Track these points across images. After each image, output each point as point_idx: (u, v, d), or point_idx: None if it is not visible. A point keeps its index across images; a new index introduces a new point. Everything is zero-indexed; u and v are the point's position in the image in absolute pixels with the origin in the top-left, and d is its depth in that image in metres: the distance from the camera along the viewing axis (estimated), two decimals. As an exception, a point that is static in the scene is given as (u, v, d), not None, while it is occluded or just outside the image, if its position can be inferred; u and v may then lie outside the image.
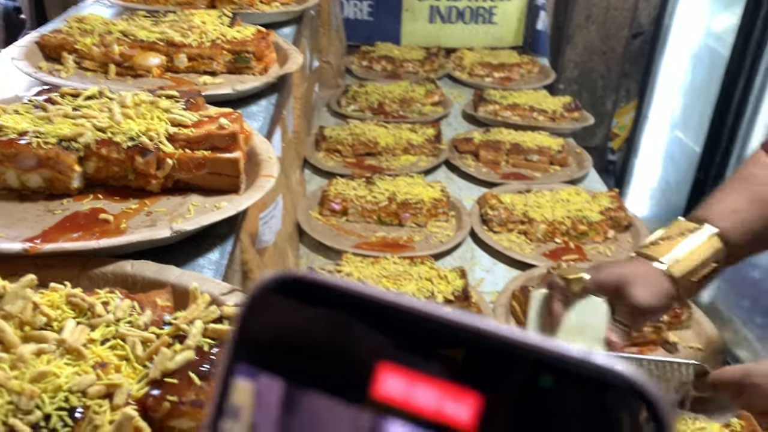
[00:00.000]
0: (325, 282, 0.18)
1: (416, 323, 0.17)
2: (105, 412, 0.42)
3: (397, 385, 0.17)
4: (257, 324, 0.18)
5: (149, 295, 0.52)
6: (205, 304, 0.49)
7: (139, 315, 0.49)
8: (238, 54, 1.12)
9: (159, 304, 0.51)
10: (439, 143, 2.10)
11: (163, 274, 0.59)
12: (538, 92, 2.51)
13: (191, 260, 0.66)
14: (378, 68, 2.77)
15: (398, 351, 0.17)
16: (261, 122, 1.00)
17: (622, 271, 0.98)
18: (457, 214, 1.79)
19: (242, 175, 0.77)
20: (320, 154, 2.07)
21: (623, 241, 1.74)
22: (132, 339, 0.46)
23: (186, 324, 0.47)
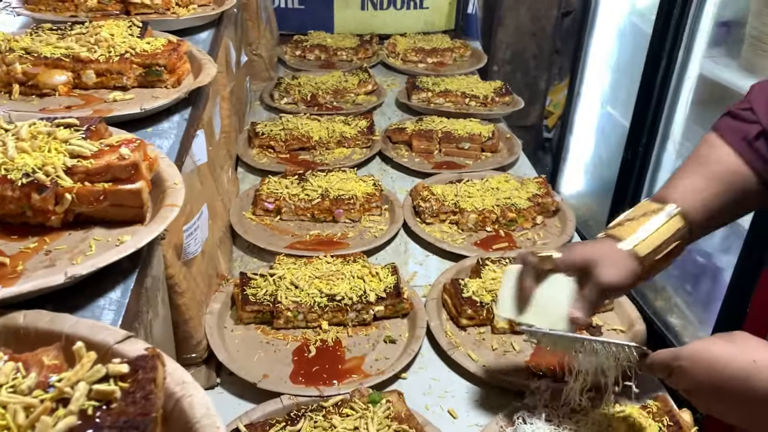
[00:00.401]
0: None
1: None
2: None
3: None
4: None
5: (36, 354, 0.52)
6: (90, 363, 0.49)
7: (23, 378, 0.49)
8: (149, 68, 1.10)
9: (46, 363, 0.50)
10: (372, 134, 2.11)
11: (57, 324, 0.58)
12: (470, 78, 2.54)
13: (91, 301, 0.66)
14: (311, 57, 2.75)
15: None
16: (172, 140, 0.98)
17: (590, 251, 1.03)
18: (391, 207, 1.80)
19: (146, 205, 0.77)
20: (253, 151, 2.05)
21: (551, 226, 1.79)
22: (13, 407, 0.46)
23: (70, 387, 0.47)
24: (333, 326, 1.38)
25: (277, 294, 1.37)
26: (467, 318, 1.40)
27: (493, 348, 1.35)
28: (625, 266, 1.00)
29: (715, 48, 2.48)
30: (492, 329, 1.40)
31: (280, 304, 1.35)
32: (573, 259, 1.03)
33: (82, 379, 0.47)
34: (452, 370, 1.30)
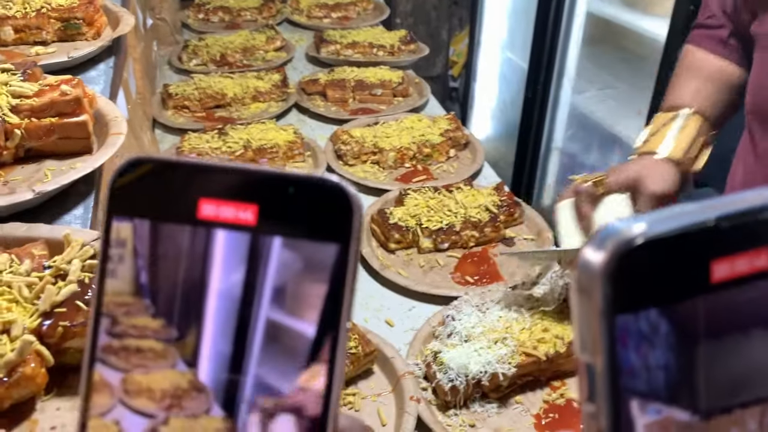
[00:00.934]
0: (161, 158, 0.30)
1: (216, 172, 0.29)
2: (5, 344, 0.49)
3: (211, 209, 0.29)
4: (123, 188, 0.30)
5: (24, 248, 0.58)
6: (78, 246, 0.56)
7: (19, 265, 0.56)
8: (67, 21, 1.13)
9: (35, 254, 0.57)
10: (286, 87, 2.17)
11: (33, 232, 0.64)
12: (375, 29, 2.63)
13: (57, 218, 0.72)
14: (216, 20, 2.75)
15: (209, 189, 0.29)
16: (102, 86, 1.03)
17: (634, 167, 1.12)
18: (313, 153, 1.89)
19: (92, 136, 0.83)
20: (168, 112, 2.07)
21: (463, 158, 1.93)
22: (17, 284, 0.53)
23: (65, 264, 0.54)
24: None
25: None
26: (395, 242, 1.52)
27: (421, 265, 1.48)
28: (669, 173, 1.10)
29: (600, -15, 2.67)
30: (418, 250, 1.52)
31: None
32: (622, 177, 1.12)
33: (75, 257, 0.55)
34: (385, 287, 1.42)
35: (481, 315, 1.23)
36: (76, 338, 0.51)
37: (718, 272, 0.24)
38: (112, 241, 0.30)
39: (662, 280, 0.24)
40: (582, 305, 0.24)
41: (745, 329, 0.25)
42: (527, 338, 1.16)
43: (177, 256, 0.30)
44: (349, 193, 0.29)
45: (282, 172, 0.29)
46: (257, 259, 0.29)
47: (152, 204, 0.30)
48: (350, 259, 0.29)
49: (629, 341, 0.24)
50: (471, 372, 1.09)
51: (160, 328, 0.31)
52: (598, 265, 0.24)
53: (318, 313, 0.29)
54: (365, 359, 1.14)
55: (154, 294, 0.31)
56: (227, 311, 0.30)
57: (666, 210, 0.25)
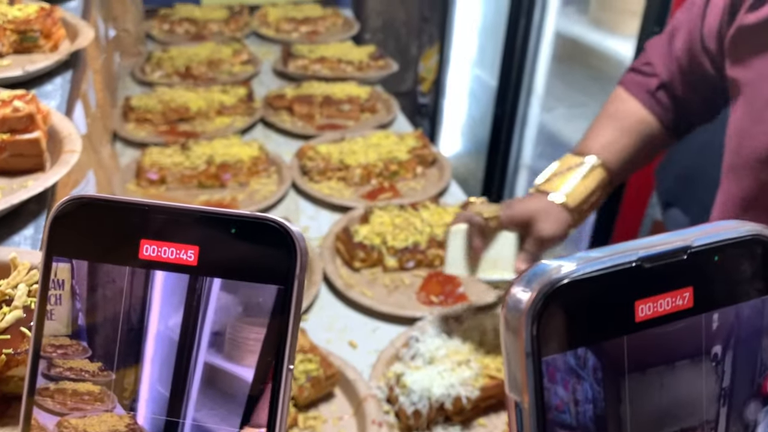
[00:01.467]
0: (102, 198, 0.29)
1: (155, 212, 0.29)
2: (-59, 379, 0.47)
3: (152, 249, 0.29)
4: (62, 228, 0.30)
5: (-33, 273, 0.55)
6: (26, 270, 0.53)
7: (-41, 293, 0.53)
8: (24, 33, 1.09)
9: (-22, 280, 0.54)
10: (252, 102, 2.15)
11: (-22, 255, 0.61)
12: (344, 44, 2.63)
13: (6, 239, 0.69)
14: (181, 31, 2.72)
15: (150, 229, 0.29)
16: (58, 100, 1.00)
17: (528, 206, 1.13)
18: (278, 169, 1.87)
19: (45, 154, 0.80)
20: (130, 125, 2.03)
21: (431, 176, 1.93)
22: (-44, 313, 0.50)
23: (10, 289, 0.52)
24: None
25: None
26: (360, 260, 1.50)
27: (386, 285, 1.47)
28: (560, 218, 1.11)
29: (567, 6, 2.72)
30: (383, 269, 1.51)
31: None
32: (516, 215, 1.13)
33: (21, 281, 0.52)
34: (349, 307, 1.41)
35: (446, 337, 1.22)
36: (20, 366, 0.48)
37: (641, 312, 0.25)
38: (52, 282, 0.30)
39: (588, 320, 0.25)
40: (509, 344, 0.25)
41: (668, 363, 0.26)
42: (491, 361, 1.15)
43: (117, 297, 0.30)
44: (292, 233, 0.28)
45: (223, 212, 0.29)
46: (197, 301, 0.29)
47: (93, 244, 0.29)
48: (292, 302, 0.28)
49: (556, 379, 0.24)
50: (434, 395, 1.08)
51: (97, 370, 0.30)
52: (525, 305, 0.24)
53: (258, 357, 0.29)
54: (326, 382, 1.12)
55: (92, 336, 0.30)
56: (166, 354, 0.30)
57: (591, 251, 0.25)
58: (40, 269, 0.29)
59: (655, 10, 1.89)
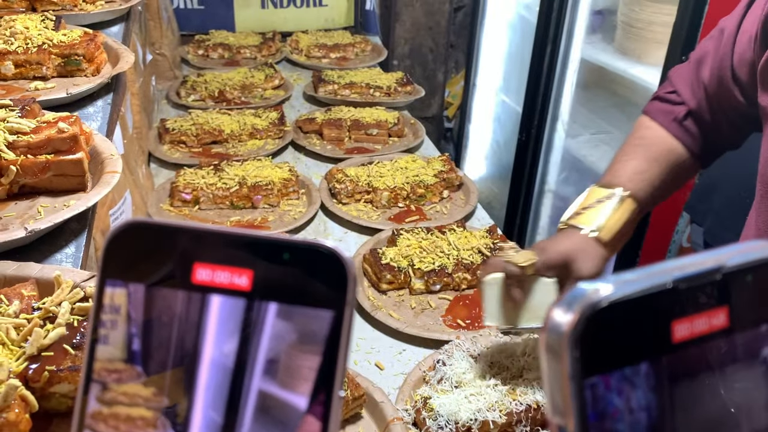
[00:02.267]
0: (157, 222, 0.30)
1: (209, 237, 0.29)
2: (-10, 388, 0.49)
3: (206, 273, 0.29)
4: (117, 253, 0.30)
5: (14, 288, 0.58)
6: (69, 288, 0.56)
7: (7, 306, 0.55)
8: (68, 57, 1.14)
9: (25, 294, 0.57)
10: (283, 125, 2.19)
11: (24, 271, 0.64)
12: (373, 70, 2.67)
13: (49, 257, 0.72)
14: (215, 56, 2.79)
15: (204, 253, 0.29)
16: (99, 122, 1.03)
17: (564, 248, 1.08)
18: (307, 191, 1.89)
19: (87, 174, 0.83)
20: (165, 146, 2.08)
21: (457, 199, 1.94)
22: (5, 325, 0.52)
23: (54, 306, 0.54)
24: (261, 301, 1.46)
25: (205, 274, 1.42)
26: (387, 282, 1.51)
27: (412, 307, 1.47)
28: (597, 255, 1.07)
29: (592, 34, 2.73)
30: (410, 291, 1.52)
31: (208, 284, 1.41)
32: (551, 259, 1.08)
33: (65, 299, 0.54)
34: (376, 329, 1.41)
35: (472, 361, 1.22)
36: (62, 383, 0.50)
37: (679, 332, 0.26)
38: (105, 306, 0.30)
39: (627, 341, 0.25)
40: (551, 368, 0.25)
41: (706, 383, 0.26)
42: (518, 385, 1.15)
43: (170, 322, 0.30)
44: (344, 260, 0.29)
45: (277, 238, 0.29)
46: (251, 327, 0.29)
47: (147, 268, 0.30)
48: (344, 327, 0.28)
49: (599, 401, 0.25)
50: (461, 419, 1.07)
51: (151, 395, 0.30)
52: (566, 328, 0.24)
53: (310, 382, 0.29)
54: (354, 403, 1.12)
55: (147, 361, 0.30)
56: (220, 380, 0.30)
57: (628, 273, 0.26)
58: (94, 292, 0.30)
59: (681, 40, 1.89)
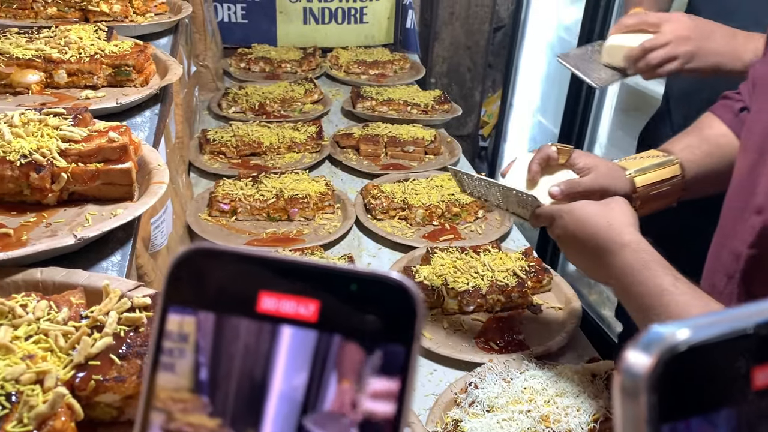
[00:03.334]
0: (222, 249, 0.29)
1: (275, 265, 0.29)
2: (38, 394, 0.49)
3: (271, 302, 0.28)
4: (181, 277, 0.29)
5: (63, 295, 0.59)
6: (116, 297, 0.56)
7: (57, 313, 0.56)
8: (118, 68, 1.17)
9: (74, 302, 0.58)
10: (321, 140, 2.21)
11: (72, 278, 0.65)
12: (411, 87, 2.68)
13: (95, 264, 0.73)
14: (256, 69, 2.83)
15: (270, 282, 0.29)
16: (147, 132, 1.06)
17: (599, 161, 1.17)
18: (343, 206, 1.90)
19: (135, 184, 0.84)
20: (205, 157, 2.11)
21: (492, 219, 1.93)
22: (54, 333, 0.53)
23: (102, 315, 0.55)
24: (294, 314, 1.46)
25: (240, 285, 1.43)
26: (420, 301, 1.50)
27: (444, 327, 1.46)
28: (620, 183, 1.13)
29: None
30: (442, 311, 1.51)
31: (243, 295, 1.42)
32: (584, 161, 1.16)
33: (112, 309, 0.55)
34: (408, 348, 1.40)
35: (505, 385, 1.20)
36: (107, 393, 0.51)
37: (759, 379, 0.25)
38: (168, 332, 0.29)
39: (704, 387, 0.24)
40: (626, 411, 0.24)
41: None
42: (552, 411, 1.13)
43: (237, 352, 0.29)
44: (412, 294, 0.28)
45: (344, 269, 0.29)
46: (316, 358, 0.28)
47: (210, 295, 0.29)
48: (411, 361, 0.28)
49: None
50: (492, 444, 1.06)
51: (217, 427, 0.29)
52: (644, 371, 0.24)
53: (377, 417, 0.28)
54: (384, 423, 1.11)
55: (212, 391, 0.29)
56: (287, 413, 0.29)
57: (704, 316, 0.25)
58: (155, 317, 0.29)
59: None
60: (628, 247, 0.93)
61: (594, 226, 0.98)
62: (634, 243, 0.94)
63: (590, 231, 0.98)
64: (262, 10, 2.95)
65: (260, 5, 2.94)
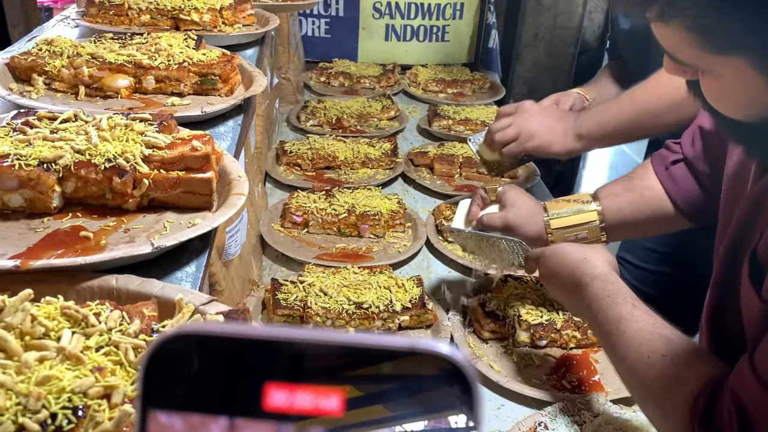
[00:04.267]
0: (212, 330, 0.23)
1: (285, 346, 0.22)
2: (104, 410, 0.48)
3: (282, 397, 0.22)
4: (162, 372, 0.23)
5: (137, 306, 0.57)
6: (189, 312, 0.54)
7: (128, 324, 0.55)
8: (205, 76, 1.18)
9: (146, 314, 0.56)
10: (395, 157, 2.19)
11: (146, 287, 0.64)
12: (489, 107, 2.62)
13: (169, 274, 0.72)
14: (336, 84, 2.85)
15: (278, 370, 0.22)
16: (229, 142, 1.05)
17: (519, 197, 1.30)
18: (414, 225, 1.87)
19: (215, 194, 0.83)
20: (281, 168, 2.13)
21: (569, 250, 1.85)
22: (125, 345, 0.51)
23: (174, 331, 0.53)
24: (360, 333, 1.43)
25: (307, 300, 1.42)
26: (490, 331, 1.44)
27: (515, 360, 1.40)
28: (534, 228, 1.25)
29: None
30: (513, 343, 1.44)
31: (309, 309, 1.40)
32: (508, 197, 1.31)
33: (185, 325, 0.53)
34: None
35: (578, 428, 1.13)
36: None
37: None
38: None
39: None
40: None
41: None
42: (628, 464, 1.05)
43: None
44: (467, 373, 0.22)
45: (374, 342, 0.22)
46: None
47: (202, 393, 0.23)
48: None
49: None
50: (563, 493, 0.99)
51: None
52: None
53: None
54: (448, 458, 1.06)
55: None
56: None
57: None
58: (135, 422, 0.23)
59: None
60: (598, 279, 0.98)
61: (571, 261, 1.03)
62: (603, 275, 0.98)
63: (567, 266, 1.04)
64: (345, 26, 2.97)
65: (344, 21, 2.96)
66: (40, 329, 0.53)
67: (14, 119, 0.87)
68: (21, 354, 0.50)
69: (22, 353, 0.50)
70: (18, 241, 0.74)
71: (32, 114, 0.88)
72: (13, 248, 0.72)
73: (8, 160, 0.77)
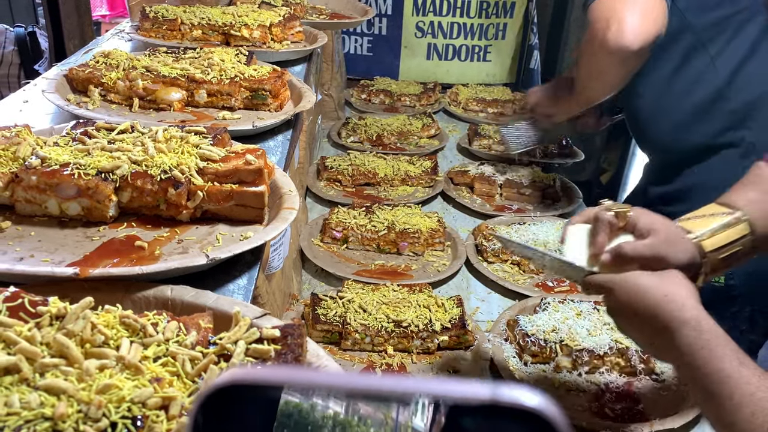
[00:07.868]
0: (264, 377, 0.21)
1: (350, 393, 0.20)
2: (162, 421, 0.48)
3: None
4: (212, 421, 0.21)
5: (193, 317, 0.58)
6: (246, 326, 0.54)
7: (185, 335, 0.55)
8: (256, 91, 1.19)
9: (202, 325, 0.56)
10: (435, 175, 2.18)
11: (200, 299, 0.64)
12: (531, 128, 2.60)
13: (222, 285, 0.72)
14: (377, 101, 2.86)
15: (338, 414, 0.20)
16: (278, 156, 1.06)
17: (662, 224, 1.03)
18: (453, 244, 1.85)
19: (266, 208, 0.84)
20: (322, 183, 2.14)
21: (612, 275, 1.81)
22: (182, 357, 0.52)
23: (230, 344, 0.53)
24: (398, 352, 1.42)
25: (346, 316, 1.42)
26: (531, 354, 1.42)
27: (555, 386, 1.37)
28: (684, 253, 1.01)
29: None
30: (555, 368, 1.41)
31: (348, 326, 1.40)
32: (642, 226, 1.03)
33: (241, 338, 0.53)
34: (515, 403, 1.32)
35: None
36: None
37: None
38: None
39: None
40: None
41: None
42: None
43: None
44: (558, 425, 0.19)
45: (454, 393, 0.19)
46: None
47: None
48: None
49: None
50: None
51: None
52: None
53: None
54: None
55: None
56: None
57: None
58: None
59: None
60: (688, 325, 0.87)
61: (651, 299, 0.91)
62: (694, 320, 0.87)
63: (646, 304, 0.91)
64: (387, 44, 2.99)
65: (386, 39, 2.98)
66: (99, 337, 0.53)
67: (74, 129, 0.89)
68: (82, 361, 0.51)
69: (83, 361, 0.51)
70: (75, 249, 0.75)
71: (91, 124, 0.90)
72: (71, 255, 0.73)
73: (68, 168, 0.79)
